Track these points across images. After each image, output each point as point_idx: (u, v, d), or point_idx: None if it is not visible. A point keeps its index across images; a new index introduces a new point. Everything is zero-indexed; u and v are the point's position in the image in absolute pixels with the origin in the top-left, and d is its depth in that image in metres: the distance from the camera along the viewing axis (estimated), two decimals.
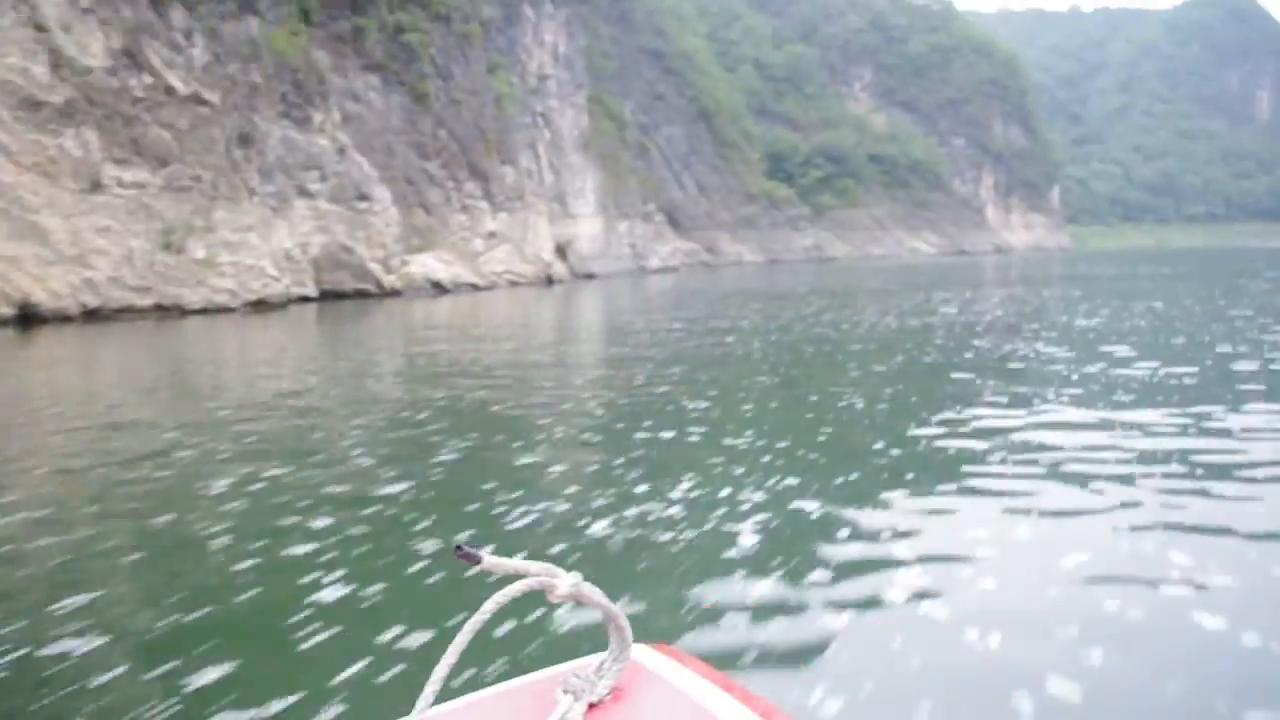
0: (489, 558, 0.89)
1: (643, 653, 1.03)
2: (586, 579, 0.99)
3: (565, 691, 0.93)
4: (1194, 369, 11.49)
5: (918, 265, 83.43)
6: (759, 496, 5.88)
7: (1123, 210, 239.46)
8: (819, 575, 4.47)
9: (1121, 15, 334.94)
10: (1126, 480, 6.10)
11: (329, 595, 4.34)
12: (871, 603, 4.14)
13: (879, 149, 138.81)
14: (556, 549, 4.91)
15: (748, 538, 5.06)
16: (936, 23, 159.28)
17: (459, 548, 0.88)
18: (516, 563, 0.97)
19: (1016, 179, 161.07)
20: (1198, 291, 28.80)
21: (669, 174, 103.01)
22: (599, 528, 5.33)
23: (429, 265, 40.48)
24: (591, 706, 0.93)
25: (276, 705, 3.31)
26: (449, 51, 46.96)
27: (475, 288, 42.90)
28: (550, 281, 48.95)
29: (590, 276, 57.04)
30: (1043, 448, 7.15)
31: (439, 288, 41.48)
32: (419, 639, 3.77)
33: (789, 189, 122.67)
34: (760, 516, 5.43)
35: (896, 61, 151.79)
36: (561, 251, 56.24)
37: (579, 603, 1.00)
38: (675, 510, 5.63)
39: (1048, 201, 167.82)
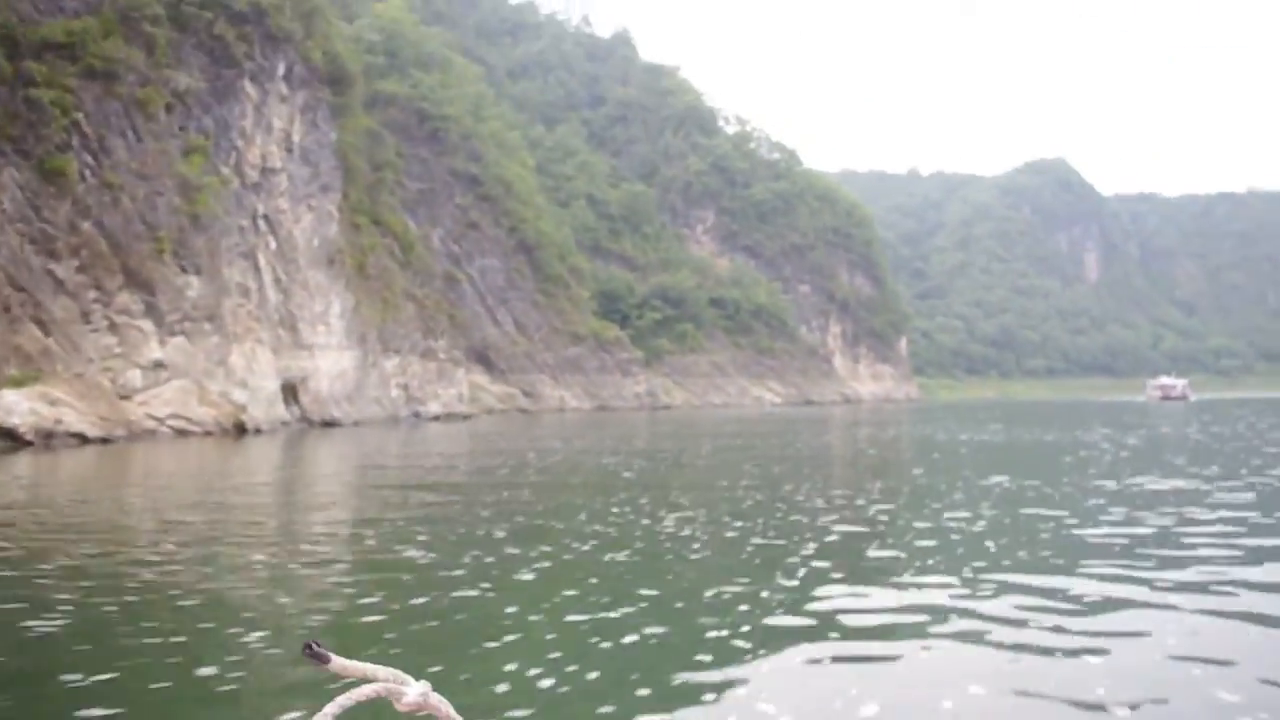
0: (337, 659, 0.84)
1: None
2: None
3: None
4: None
5: (759, 417, 73.72)
6: None
7: (967, 363, 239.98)
8: None
9: (956, 179, 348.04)
10: None
11: None
12: None
13: (721, 293, 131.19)
14: None
15: None
16: (780, 170, 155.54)
17: (308, 646, 0.82)
18: (366, 666, 0.91)
19: (864, 328, 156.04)
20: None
21: (483, 309, 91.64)
22: None
23: (12, 404, 27.03)
24: None
25: None
26: (110, 120, 34.64)
27: (106, 440, 29.59)
28: (243, 431, 35.79)
29: (331, 424, 44.10)
30: None
31: (80, 438, 28.33)
32: None
33: (622, 331, 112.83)
34: None
35: (740, 206, 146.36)
36: (292, 391, 43.26)
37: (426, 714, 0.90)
38: None
39: (895, 352, 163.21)
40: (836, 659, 6.25)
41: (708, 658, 6.29)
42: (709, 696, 5.56)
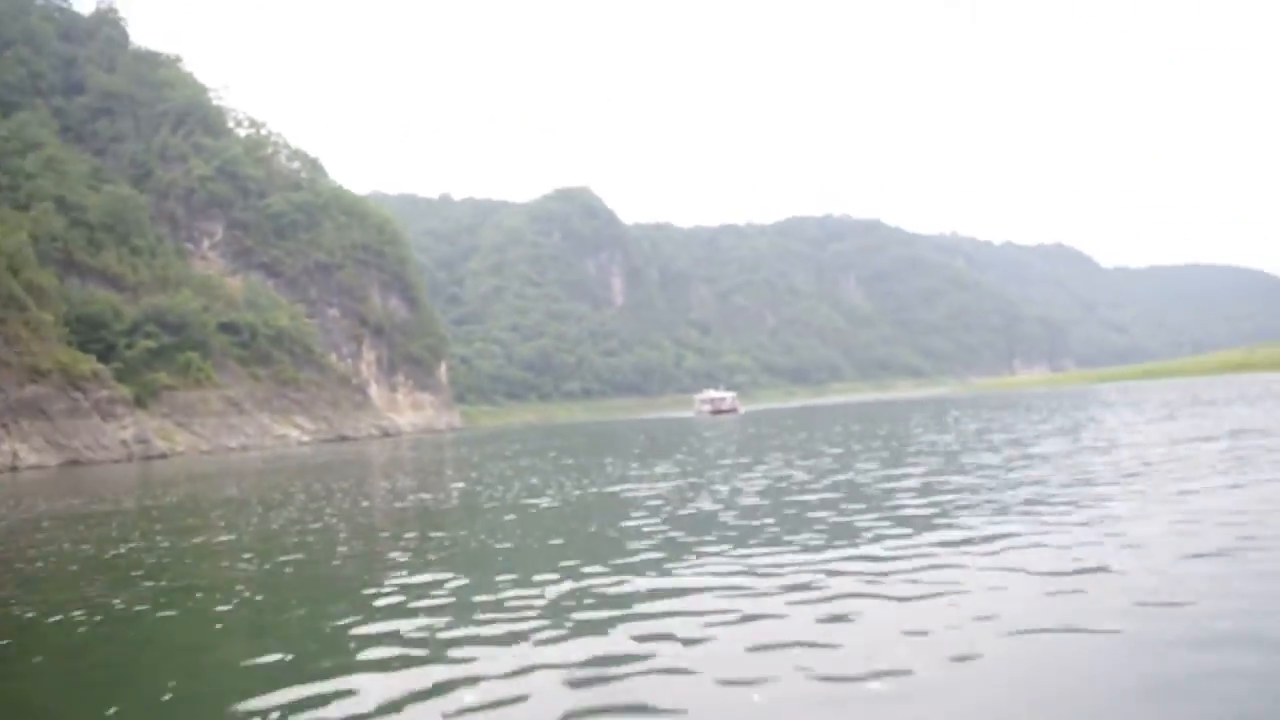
0: None
1: None
2: None
3: None
4: None
5: (285, 457, 59.82)
6: None
7: (507, 388, 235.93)
8: None
9: (488, 205, 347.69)
10: None
11: None
12: None
13: (234, 316, 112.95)
14: None
15: None
16: (301, 181, 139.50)
17: None
18: None
19: (401, 354, 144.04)
20: None
21: None
22: None
23: None
24: None
25: None
26: None
27: None
28: None
29: None
30: None
31: None
32: None
33: (104, 364, 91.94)
34: None
35: (254, 218, 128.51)
36: None
37: None
38: None
39: (436, 378, 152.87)
40: None
41: None
42: None
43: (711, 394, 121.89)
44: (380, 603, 8.72)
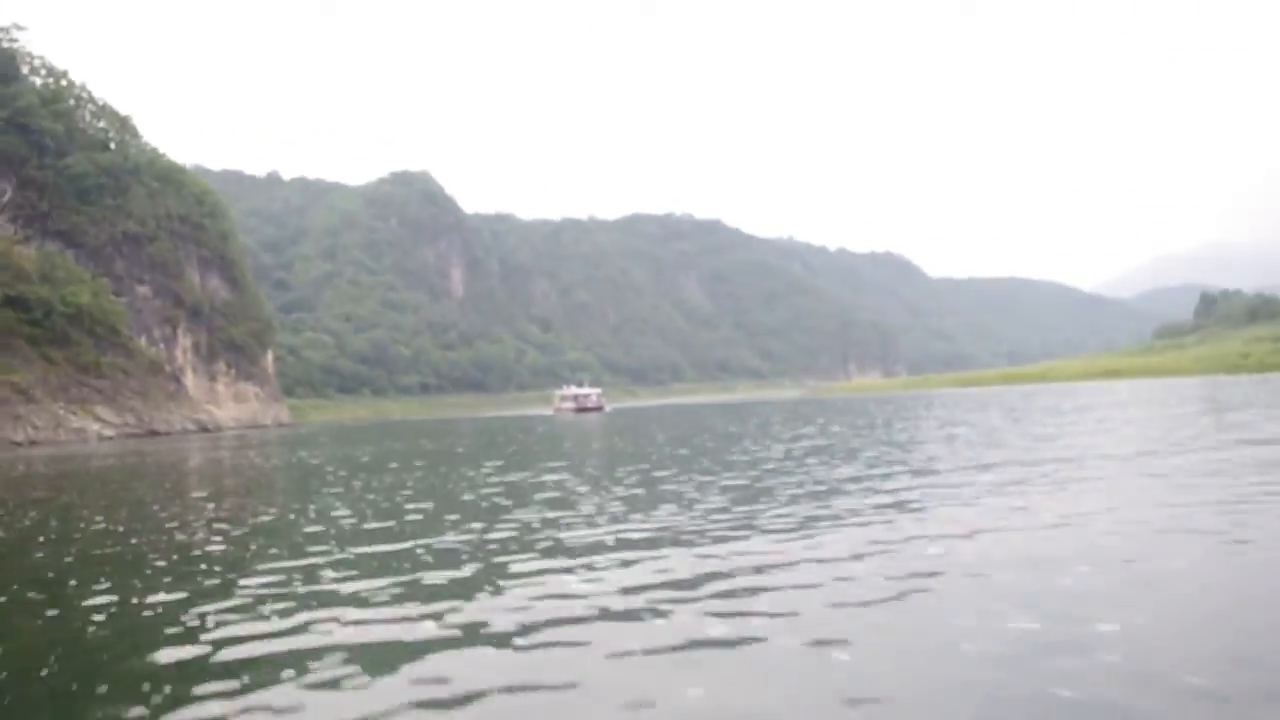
0: None
1: None
2: None
3: None
4: None
5: (74, 457, 48.78)
6: None
7: (339, 381, 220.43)
8: None
9: (320, 186, 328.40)
10: None
11: None
12: None
13: (24, 290, 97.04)
14: None
15: None
16: (109, 139, 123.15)
17: None
18: None
19: (222, 340, 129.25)
20: None
21: None
22: None
23: None
24: None
25: None
26: None
27: None
28: None
29: None
30: None
31: None
32: None
33: None
34: None
35: (51, 180, 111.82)
36: None
37: None
38: None
39: (261, 368, 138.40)
40: None
41: None
42: None
43: (574, 390, 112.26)
44: None
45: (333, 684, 5.50)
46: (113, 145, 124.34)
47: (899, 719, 4.63)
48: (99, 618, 7.54)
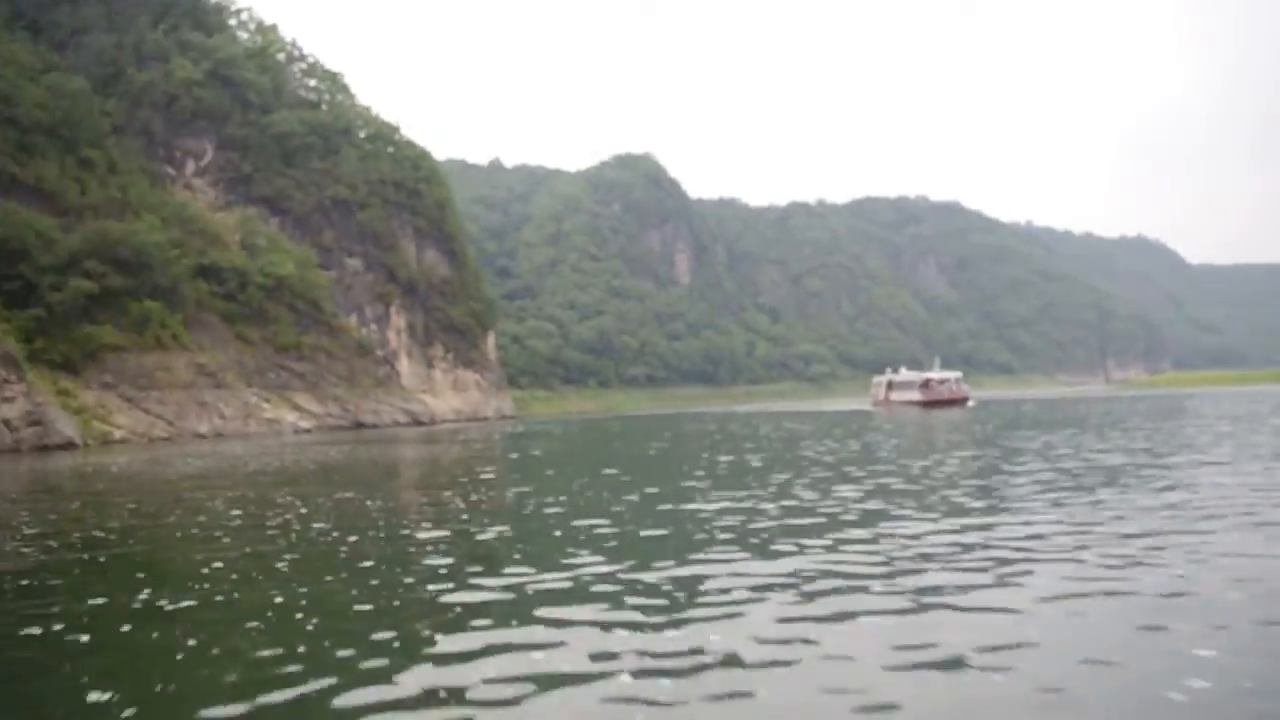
0: None
1: None
2: None
3: None
4: None
5: (267, 455, 33.45)
6: None
7: (563, 372, 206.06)
8: None
9: (541, 172, 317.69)
10: None
11: None
12: None
13: (218, 258, 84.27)
14: None
15: None
16: (316, 95, 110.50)
17: None
18: None
19: (440, 322, 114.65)
20: None
21: None
22: None
23: None
24: None
25: None
26: None
27: None
28: None
29: None
30: None
31: None
32: None
33: (21, 311, 64.77)
34: None
35: (254, 138, 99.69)
36: None
37: None
38: None
39: (482, 354, 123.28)
40: None
41: None
42: None
43: (914, 375, 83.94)
44: None
45: None
46: (324, 107, 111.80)
47: None
48: None
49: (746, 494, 15.83)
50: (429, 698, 5.93)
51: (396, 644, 7.30)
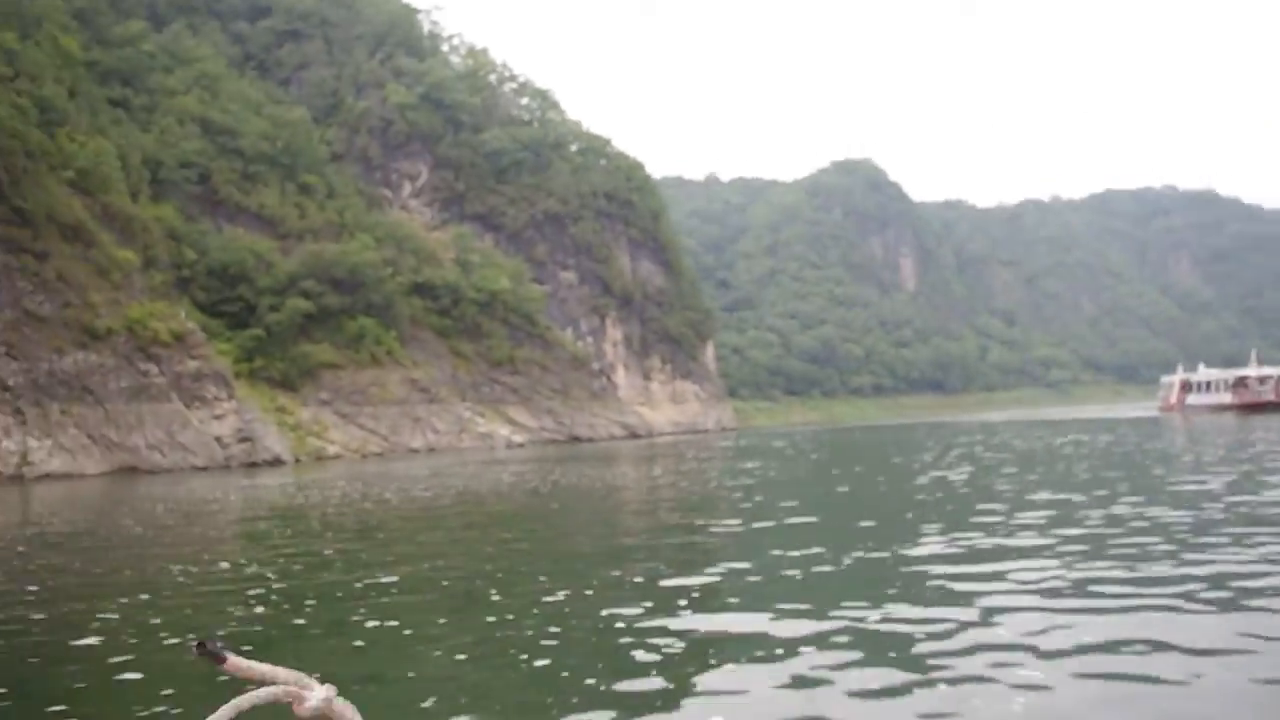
0: (234, 658, 0.75)
1: None
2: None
3: None
4: None
5: (485, 468, 32.16)
6: None
7: (785, 382, 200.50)
8: None
9: (757, 184, 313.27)
10: None
11: None
12: None
13: (432, 275, 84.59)
14: None
15: None
16: (527, 113, 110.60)
17: (200, 644, 0.73)
18: (265, 668, 0.83)
19: (656, 333, 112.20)
20: None
21: None
22: None
23: None
24: None
25: None
26: None
27: None
28: None
29: None
30: None
31: None
32: None
33: (243, 331, 66.36)
34: None
35: (466, 157, 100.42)
36: None
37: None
38: None
39: (701, 365, 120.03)
40: None
41: None
42: None
43: (1212, 373, 71.47)
44: None
45: None
46: (534, 124, 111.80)
47: None
48: None
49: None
50: None
51: None
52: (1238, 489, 15.15)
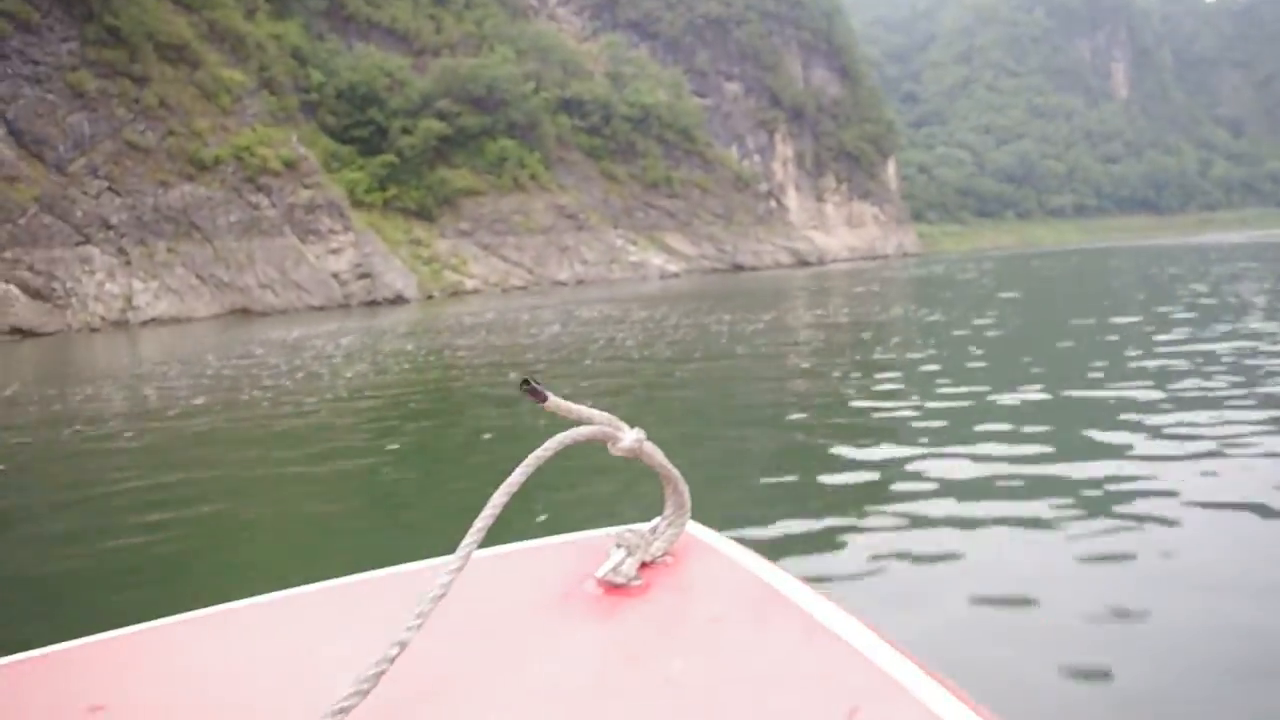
0: (555, 398, 0.84)
1: (696, 526, 0.98)
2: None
3: (619, 546, 0.88)
4: None
5: (635, 303, 26.42)
6: None
7: (977, 203, 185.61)
8: None
9: None
10: None
11: None
12: None
13: (581, 90, 77.23)
14: None
15: None
16: None
17: (526, 381, 0.82)
18: (581, 409, 0.90)
19: (831, 149, 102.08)
20: None
21: None
22: None
23: None
24: (645, 565, 0.89)
25: None
26: None
27: None
28: None
29: None
30: None
31: None
32: None
33: (375, 158, 61.66)
34: None
35: None
36: None
37: (638, 459, 0.92)
38: None
39: (881, 184, 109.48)
40: None
41: None
42: None
43: None
44: None
45: None
46: None
47: None
48: None
49: None
50: None
51: None
52: None
